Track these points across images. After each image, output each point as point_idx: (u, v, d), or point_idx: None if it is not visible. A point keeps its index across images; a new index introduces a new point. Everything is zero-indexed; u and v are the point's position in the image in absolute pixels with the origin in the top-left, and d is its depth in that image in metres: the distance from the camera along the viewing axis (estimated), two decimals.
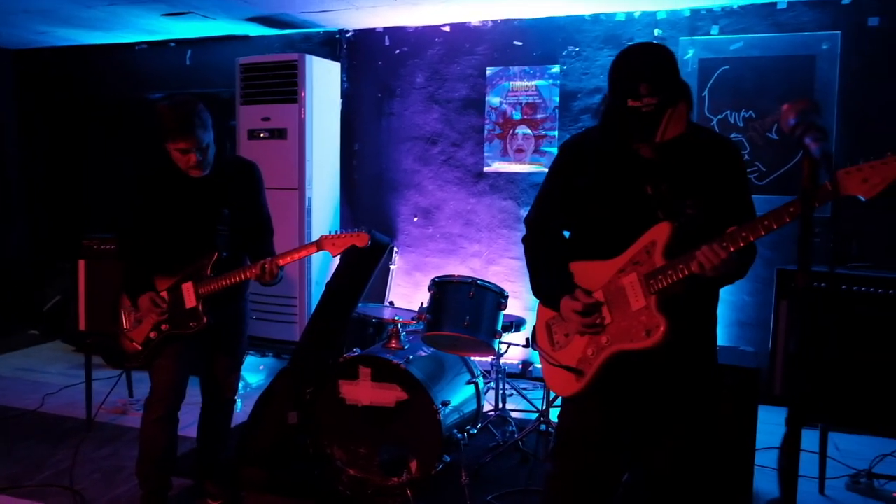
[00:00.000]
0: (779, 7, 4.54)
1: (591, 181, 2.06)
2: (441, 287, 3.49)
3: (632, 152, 1.97)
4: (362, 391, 3.28)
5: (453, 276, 3.51)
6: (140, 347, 3.02)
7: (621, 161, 2.00)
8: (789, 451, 1.19)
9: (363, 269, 3.51)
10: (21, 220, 7.12)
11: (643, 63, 1.86)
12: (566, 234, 2.25)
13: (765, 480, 3.33)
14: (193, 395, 3.26)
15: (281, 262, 2.86)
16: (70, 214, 6.83)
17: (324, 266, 5.28)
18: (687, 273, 1.84)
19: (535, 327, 2.26)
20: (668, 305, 1.91)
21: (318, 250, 2.87)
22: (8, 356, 5.82)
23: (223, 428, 3.35)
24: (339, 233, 2.87)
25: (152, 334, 2.98)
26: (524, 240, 2.31)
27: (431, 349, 3.56)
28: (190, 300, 2.95)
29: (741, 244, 1.77)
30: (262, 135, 5.22)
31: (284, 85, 5.11)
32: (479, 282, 3.43)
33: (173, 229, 2.98)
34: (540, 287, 2.21)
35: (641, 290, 1.94)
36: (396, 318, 3.57)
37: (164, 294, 2.98)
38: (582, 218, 2.13)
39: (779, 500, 1.30)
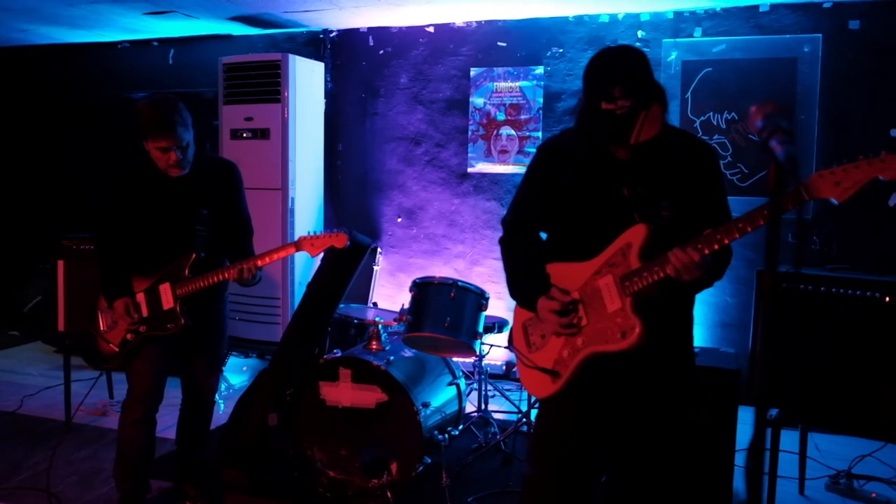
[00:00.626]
0: (761, 10, 4.56)
1: (568, 183, 2.07)
2: (422, 288, 3.48)
3: (608, 154, 1.97)
4: (343, 392, 3.27)
5: (434, 277, 3.50)
6: (116, 349, 2.99)
7: (597, 163, 2.01)
8: (755, 451, 1.19)
9: (344, 271, 3.50)
10: (1, 219, 7.05)
11: (617, 66, 1.87)
12: (543, 235, 2.25)
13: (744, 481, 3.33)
14: (174, 397, 3.23)
15: (259, 262, 2.85)
16: (51, 214, 6.76)
17: (307, 267, 5.26)
18: (662, 275, 1.85)
19: (511, 329, 2.26)
20: (644, 307, 1.91)
21: (296, 251, 2.86)
22: None
23: (202, 429, 3.31)
24: (317, 234, 2.85)
25: (129, 336, 2.96)
26: (501, 241, 2.31)
27: (413, 350, 3.55)
28: (167, 301, 2.93)
29: (715, 247, 1.78)
30: (244, 135, 5.19)
31: (267, 85, 5.09)
32: (459, 283, 3.43)
33: (150, 230, 2.96)
34: (516, 288, 2.21)
35: (617, 292, 1.94)
36: (377, 320, 3.56)
37: (141, 295, 2.95)
38: (559, 219, 2.14)
39: (748, 502, 1.30)
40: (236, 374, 5.41)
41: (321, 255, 2.91)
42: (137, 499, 3.02)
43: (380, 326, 3.53)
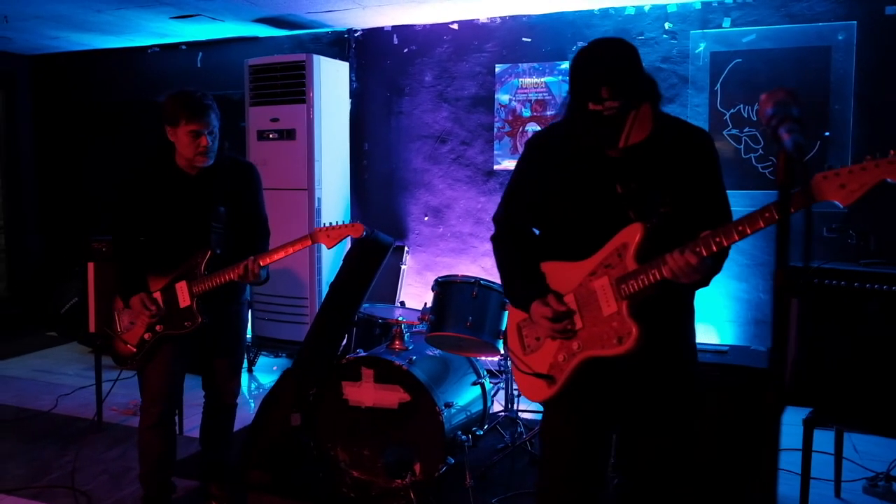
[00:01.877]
0: None
1: (559, 179, 1.99)
2: (444, 287, 3.45)
3: (599, 150, 1.90)
4: (365, 392, 3.25)
5: (456, 276, 3.47)
6: (134, 349, 2.98)
7: (588, 159, 1.94)
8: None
9: (366, 270, 3.48)
10: (38, 222, 7.21)
11: (604, 64, 1.78)
12: (536, 231, 2.18)
13: (782, 482, 3.25)
14: (199, 397, 3.26)
15: (262, 261, 2.83)
16: (86, 217, 6.89)
17: (334, 266, 5.27)
18: (659, 277, 1.77)
19: (505, 328, 2.22)
20: (641, 310, 1.85)
21: (312, 243, 2.84)
22: (25, 357, 5.89)
23: (224, 432, 3.31)
24: (333, 224, 2.84)
25: (146, 335, 2.95)
26: (493, 238, 2.24)
27: (437, 350, 3.52)
28: (184, 299, 2.92)
29: (714, 249, 1.70)
30: (271, 136, 5.22)
31: (293, 86, 5.11)
32: (482, 282, 3.39)
33: (166, 227, 2.95)
34: (510, 288, 2.14)
35: (613, 295, 1.87)
36: (400, 319, 3.54)
37: (157, 294, 2.94)
38: (551, 217, 2.06)
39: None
40: (266, 373, 5.45)
41: (344, 252, 2.92)
42: (161, 499, 3.05)
43: (403, 326, 3.51)
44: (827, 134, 4.38)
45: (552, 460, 2.10)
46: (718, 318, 4.68)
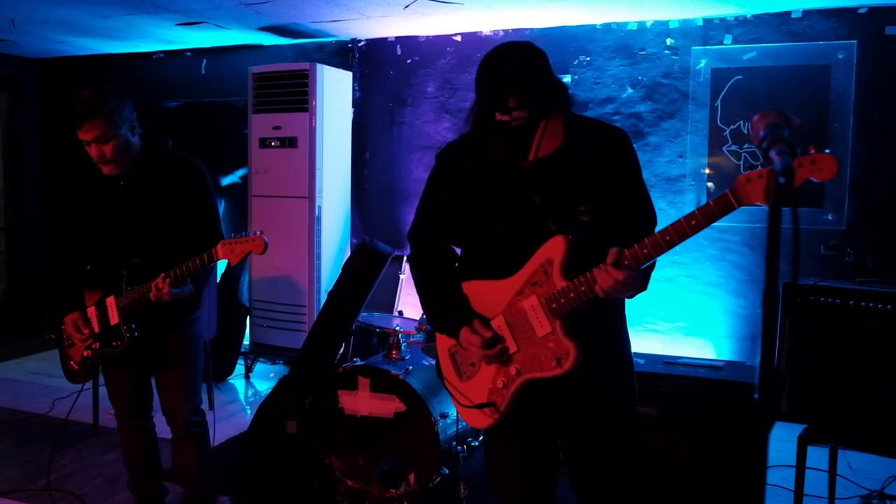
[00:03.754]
0: (793, 16, 4.47)
1: (473, 192, 1.88)
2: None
3: (512, 161, 1.78)
4: (361, 401, 3.26)
5: None
6: (77, 367, 2.85)
7: (502, 171, 1.82)
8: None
9: (365, 279, 3.50)
10: (39, 226, 7.23)
11: (510, 71, 1.67)
12: (456, 249, 2.08)
13: (775, 499, 3.25)
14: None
15: (163, 283, 2.53)
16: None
17: (333, 274, 5.29)
18: (590, 295, 1.71)
19: (437, 358, 2.08)
20: (575, 326, 1.78)
21: (216, 259, 2.53)
22: (23, 360, 5.90)
23: (198, 465, 2.95)
24: (234, 238, 2.53)
25: (86, 353, 2.79)
26: (409, 258, 2.11)
27: (433, 360, 3.53)
28: (113, 316, 2.68)
29: (644, 262, 1.63)
30: (273, 143, 5.25)
31: (296, 94, 5.14)
32: None
33: (96, 237, 2.74)
34: (433, 314, 2.02)
35: (545, 315, 1.78)
36: (397, 329, 3.55)
37: (91, 310, 2.74)
38: (468, 232, 1.95)
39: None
40: (263, 380, 5.46)
41: (344, 260, 2.74)
42: (152, 498, 3.02)
43: (400, 336, 3.52)
44: (828, 151, 4.39)
45: (502, 482, 2.05)
46: (715, 333, 4.69)
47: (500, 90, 1.66)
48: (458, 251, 2.07)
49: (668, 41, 4.78)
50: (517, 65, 1.69)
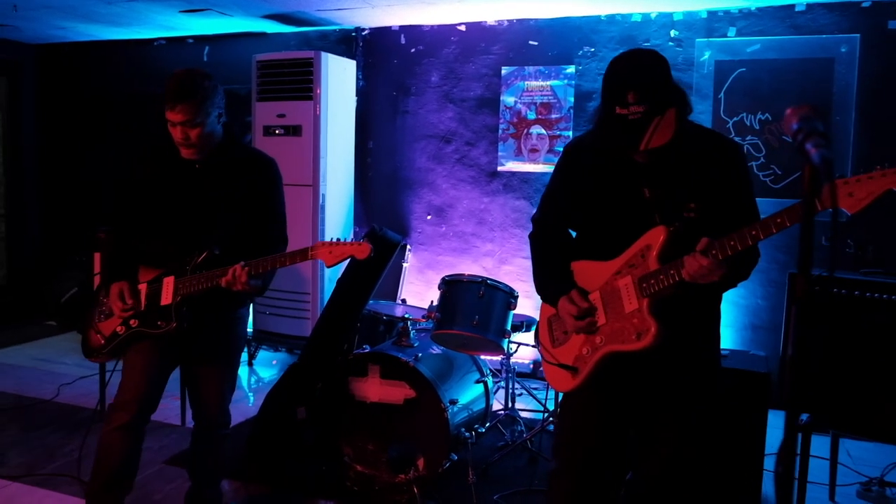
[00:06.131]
0: (797, 9, 4.50)
1: (590, 183, 2.09)
2: (451, 286, 3.49)
3: (627, 156, 1.97)
4: (371, 388, 3.29)
5: (463, 274, 3.51)
6: (103, 341, 2.71)
7: (617, 165, 2.02)
8: (785, 457, 1.19)
9: (374, 267, 3.53)
10: (38, 212, 7.21)
11: (632, 71, 1.87)
12: (572, 232, 2.28)
13: (774, 486, 3.31)
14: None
15: (251, 269, 2.49)
16: (87, 208, 6.90)
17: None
18: (678, 279, 1.86)
19: (538, 323, 2.31)
20: (661, 309, 1.93)
21: (310, 258, 2.50)
22: (25, 346, 5.90)
23: (210, 465, 2.93)
24: (337, 241, 2.50)
25: (119, 329, 2.66)
26: (531, 236, 2.35)
27: (441, 348, 3.57)
28: (167, 296, 2.60)
29: (729, 252, 1.77)
30: (277, 131, 5.25)
31: (300, 82, 5.14)
32: (488, 281, 3.44)
33: (164, 217, 2.67)
34: (541, 285, 2.25)
35: (635, 293, 1.97)
36: (406, 316, 3.58)
37: (144, 286, 2.65)
38: (583, 219, 2.17)
39: None
40: (266, 367, 5.48)
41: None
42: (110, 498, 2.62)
43: (408, 323, 3.55)
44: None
45: (566, 445, 2.18)
46: None
47: (621, 86, 1.84)
48: (574, 234, 2.28)
49: (672, 33, 4.81)
50: (639, 65, 1.88)
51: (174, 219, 2.66)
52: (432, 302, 3.63)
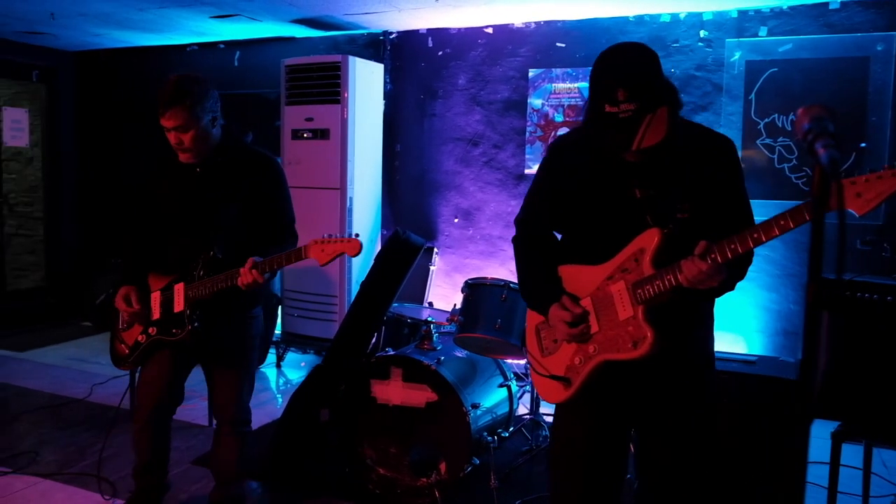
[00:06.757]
0: (831, 7, 4.40)
1: (578, 183, 2.00)
2: (474, 289, 3.48)
3: (617, 155, 1.87)
4: (393, 391, 3.30)
5: (486, 278, 3.50)
6: (127, 351, 2.84)
7: (607, 164, 1.93)
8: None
9: (397, 270, 3.53)
10: (76, 216, 7.37)
11: (621, 66, 1.77)
12: (557, 235, 2.19)
13: (809, 495, 3.23)
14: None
15: (248, 272, 2.54)
16: (122, 211, 7.04)
17: (364, 265, 5.33)
18: (674, 283, 1.78)
19: (524, 331, 2.22)
20: (657, 315, 1.85)
21: (304, 257, 2.55)
22: (61, 346, 6.04)
23: (228, 464, 2.99)
24: (328, 238, 2.52)
25: (140, 338, 2.77)
26: (514, 240, 2.24)
27: (465, 351, 3.56)
28: (178, 303, 2.68)
29: (729, 256, 1.69)
30: (305, 135, 5.30)
31: (328, 86, 5.18)
32: (511, 284, 3.42)
33: (169, 223, 2.75)
34: (528, 291, 2.15)
35: (629, 300, 1.88)
36: (429, 319, 3.58)
37: (157, 294, 2.74)
38: (571, 220, 2.07)
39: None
40: (294, 369, 5.53)
41: (376, 251, 2.70)
42: (149, 496, 2.94)
43: (432, 326, 3.55)
44: (863, 145, 4.34)
45: (562, 460, 2.11)
46: (747, 328, 4.66)
47: (610, 83, 1.74)
48: (559, 237, 2.19)
49: (702, 33, 4.74)
50: (629, 61, 1.78)
51: (177, 224, 2.74)
52: (455, 305, 3.63)
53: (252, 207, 2.74)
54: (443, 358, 3.32)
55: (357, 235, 2.53)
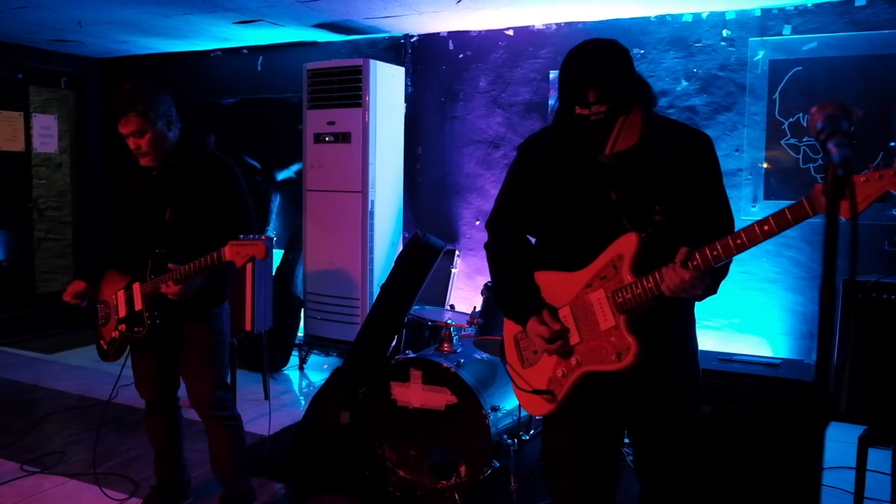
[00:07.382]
0: (857, 4, 4.33)
1: (551, 187, 1.92)
2: (493, 291, 3.48)
3: (591, 156, 1.79)
4: (413, 393, 3.30)
5: None
6: (106, 346, 3.00)
7: (582, 166, 1.85)
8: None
9: (417, 272, 3.54)
10: (103, 221, 7.48)
11: (592, 65, 1.68)
12: (531, 238, 2.12)
13: (835, 501, 3.19)
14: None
15: (176, 275, 2.65)
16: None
17: (385, 267, 5.35)
18: (656, 293, 1.72)
19: (502, 342, 2.13)
20: (639, 323, 1.79)
21: (223, 259, 2.58)
22: (89, 348, 6.08)
23: (222, 460, 3.05)
24: (242, 240, 2.54)
25: (114, 333, 2.91)
26: (486, 246, 2.16)
27: (485, 354, 3.56)
28: (137, 302, 2.80)
29: (712, 263, 1.63)
30: (327, 139, 5.33)
31: (349, 90, 5.21)
32: None
33: (129, 224, 2.92)
34: (504, 301, 2.06)
35: (609, 309, 1.80)
36: (449, 322, 3.58)
37: (121, 293, 2.86)
38: (544, 224, 1.99)
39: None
40: (317, 371, 5.56)
41: (396, 253, 2.71)
42: (167, 494, 3.16)
43: (451, 329, 3.55)
44: (892, 144, 4.26)
45: (556, 474, 2.06)
46: (772, 330, 4.59)
47: (580, 84, 1.67)
48: (533, 241, 2.12)
49: (725, 32, 4.69)
50: (599, 60, 1.70)
51: (135, 224, 2.89)
52: (475, 308, 3.63)
53: (205, 209, 2.80)
54: (462, 360, 3.32)
55: (264, 238, 2.54)
